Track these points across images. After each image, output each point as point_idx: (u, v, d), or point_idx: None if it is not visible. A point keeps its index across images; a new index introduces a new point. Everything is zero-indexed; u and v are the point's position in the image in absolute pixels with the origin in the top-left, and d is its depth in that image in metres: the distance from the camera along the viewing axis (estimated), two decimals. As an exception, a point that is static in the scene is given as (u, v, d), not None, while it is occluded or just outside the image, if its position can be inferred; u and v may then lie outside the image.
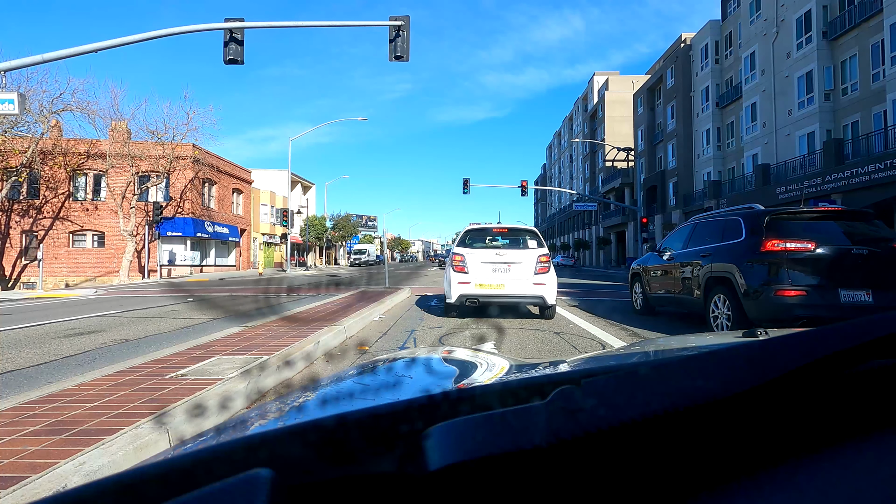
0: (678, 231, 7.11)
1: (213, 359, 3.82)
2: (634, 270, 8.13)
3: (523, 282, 6.82)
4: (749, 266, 5.03)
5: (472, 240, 7.45)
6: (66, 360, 4.51)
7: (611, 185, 47.39)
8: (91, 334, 6.05)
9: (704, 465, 0.37)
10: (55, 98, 23.40)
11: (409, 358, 1.10)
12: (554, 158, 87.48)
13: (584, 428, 0.34)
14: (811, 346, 0.40)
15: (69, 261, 28.23)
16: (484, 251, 7.11)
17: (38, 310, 9.41)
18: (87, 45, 12.04)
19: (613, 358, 1.14)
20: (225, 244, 34.60)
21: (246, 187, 37.33)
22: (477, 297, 6.89)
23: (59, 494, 0.33)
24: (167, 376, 3.30)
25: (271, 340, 4.63)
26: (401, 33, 12.34)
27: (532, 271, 6.85)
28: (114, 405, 2.65)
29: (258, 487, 0.30)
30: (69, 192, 28.19)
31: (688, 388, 0.37)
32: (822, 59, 22.04)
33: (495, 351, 1.72)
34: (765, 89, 25.77)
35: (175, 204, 29.02)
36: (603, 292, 13.05)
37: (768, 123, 25.55)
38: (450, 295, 7.02)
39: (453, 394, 0.49)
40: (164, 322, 7.11)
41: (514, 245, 7.33)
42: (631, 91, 51.76)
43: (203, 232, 30.09)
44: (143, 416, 2.44)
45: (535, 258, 6.92)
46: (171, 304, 10.03)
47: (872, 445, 0.37)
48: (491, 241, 7.47)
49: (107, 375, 3.34)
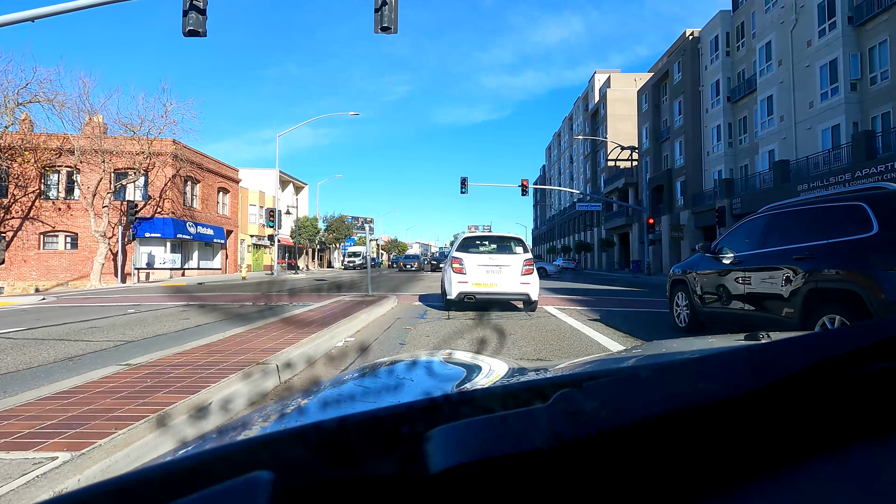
0: (743, 226, 5.41)
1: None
2: (676, 277, 6.42)
3: (512, 281, 8.04)
4: (892, 274, 3.33)
5: (468, 246, 8.50)
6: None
7: (613, 185, 45.74)
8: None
9: (706, 469, 0.36)
10: (20, 88, 21.70)
11: (411, 360, 1.10)
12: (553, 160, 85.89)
13: (585, 430, 0.34)
14: (812, 350, 0.40)
15: (39, 264, 26.38)
16: (479, 255, 8.22)
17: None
18: (22, 13, 10.31)
19: (615, 361, 1.13)
20: (209, 246, 32.78)
21: (233, 186, 35.54)
22: (474, 294, 8.06)
23: (59, 497, 0.33)
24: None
25: (149, 393, 2.91)
26: (387, 1, 10.67)
27: (519, 273, 8.08)
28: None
29: (259, 490, 0.30)
30: (40, 190, 26.37)
31: (689, 391, 0.37)
32: (847, 46, 20.44)
33: (496, 354, 1.58)
34: (782, 81, 24.17)
35: (154, 203, 27.21)
36: (620, 301, 11.35)
37: (786, 117, 23.94)
38: (450, 292, 8.13)
39: (454, 396, 0.49)
40: (56, 347, 5.36)
41: (504, 250, 8.44)
42: (633, 89, 50.26)
43: (184, 233, 28.29)
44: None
45: (522, 262, 8.16)
46: (102, 317, 8.28)
47: (874, 449, 0.37)
48: (484, 247, 8.52)
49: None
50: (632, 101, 48.17)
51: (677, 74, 35.00)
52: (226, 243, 34.16)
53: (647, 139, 40.52)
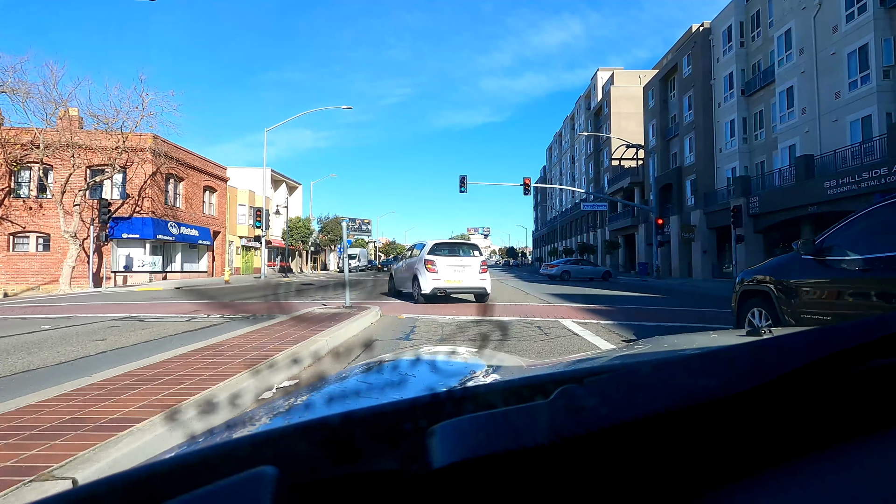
0: (860, 220, 3.73)
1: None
2: (749, 287, 4.72)
3: (473, 278, 10.33)
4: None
5: (437, 250, 10.56)
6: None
7: (618, 185, 44.07)
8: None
9: (707, 465, 0.36)
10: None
11: (414, 357, 1.12)
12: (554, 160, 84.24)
13: (586, 426, 0.34)
14: (814, 346, 0.40)
15: (9, 266, 24.64)
16: (448, 258, 10.41)
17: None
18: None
19: (617, 357, 1.13)
20: (194, 248, 31.07)
21: (220, 185, 33.83)
22: (444, 289, 10.14)
23: (70, 491, 0.34)
24: None
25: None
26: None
27: (478, 271, 10.41)
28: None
29: (263, 485, 0.30)
30: (10, 188, 24.68)
31: (690, 387, 0.37)
32: (879, 30, 18.80)
33: (499, 350, 1.57)
34: (804, 70, 22.52)
35: (133, 202, 25.50)
36: (649, 313, 9.67)
37: (809, 109, 22.28)
38: (425, 288, 10.12)
39: (457, 392, 0.49)
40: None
41: (466, 254, 10.81)
42: (638, 85, 48.65)
43: (166, 234, 26.58)
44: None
45: (479, 263, 10.59)
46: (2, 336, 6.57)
47: (876, 445, 0.37)
48: (451, 251, 10.73)
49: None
50: (636, 99, 46.54)
51: (687, 68, 33.38)
52: (212, 245, 32.44)
53: (653, 136, 38.85)
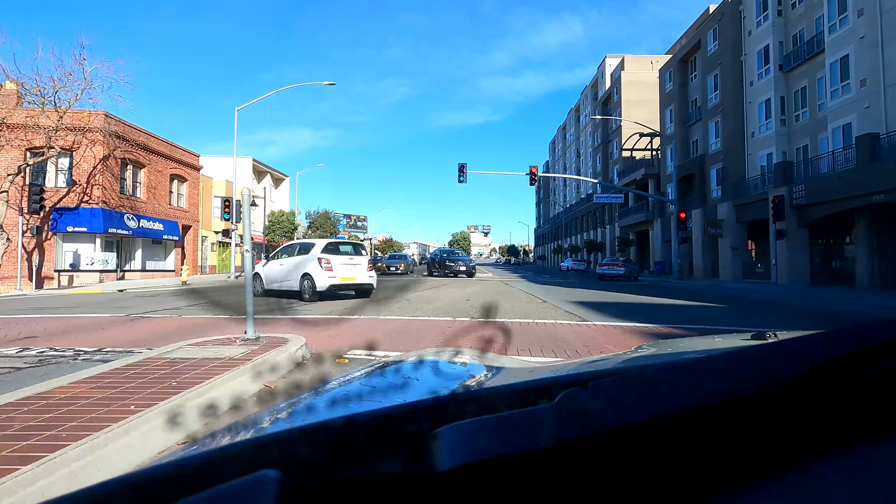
0: None
1: None
2: None
3: (363, 274, 12.10)
4: None
5: (331, 250, 12.03)
6: None
7: (630, 177, 40.63)
8: None
9: (711, 468, 0.36)
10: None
11: (417, 360, 1.13)
12: (558, 154, 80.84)
13: (590, 430, 0.34)
14: (819, 350, 0.40)
15: (-67, 264, 21.24)
16: (341, 256, 11.95)
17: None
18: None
19: (621, 360, 1.12)
20: (160, 244, 27.65)
21: (192, 174, 30.38)
22: (339, 286, 11.63)
23: (73, 494, 0.33)
24: None
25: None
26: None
27: (366, 269, 12.23)
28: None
29: (266, 488, 0.30)
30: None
31: (695, 391, 0.37)
32: (970, -23, 15.38)
33: (503, 354, 1.60)
34: (863, 35, 19.08)
35: (80, 190, 22.11)
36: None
37: (871, 81, 18.85)
38: (322, 284, 11.31)
39: (461, 395, 0.49)
40: None
41: (356, 253, 12.57)
42: (650, 71, 45.27)
43: (120, 227, 23.18)
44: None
45: (367, 261, 12.44)
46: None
47: (879, 449, 0.37)
48: (343, 250, 12.32)
49: None
50: (648, 85, 43.11)
51: (712, 44, 29.91)
52: (182, 240, 29.04)
53: (671, 123, 35.41)
